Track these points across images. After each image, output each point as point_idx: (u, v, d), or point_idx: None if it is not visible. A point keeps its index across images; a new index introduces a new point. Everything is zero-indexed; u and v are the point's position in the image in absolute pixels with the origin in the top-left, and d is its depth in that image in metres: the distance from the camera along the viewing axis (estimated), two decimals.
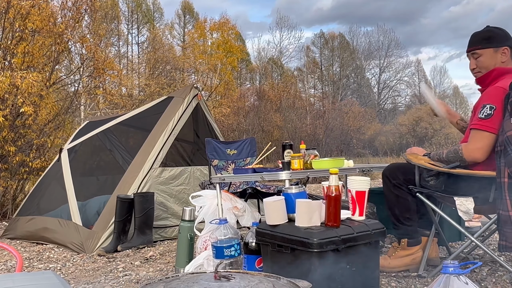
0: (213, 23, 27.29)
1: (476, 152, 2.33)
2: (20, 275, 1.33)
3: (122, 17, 27.38)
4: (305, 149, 3.08)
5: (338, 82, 34.05)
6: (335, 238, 1.98)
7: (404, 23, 52.15)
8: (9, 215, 6.59)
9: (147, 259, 3.43)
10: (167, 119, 4.63)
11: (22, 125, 7.14)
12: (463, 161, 2.37)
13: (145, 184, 4.24)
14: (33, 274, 1.36)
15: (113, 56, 18.38)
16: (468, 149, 2.35)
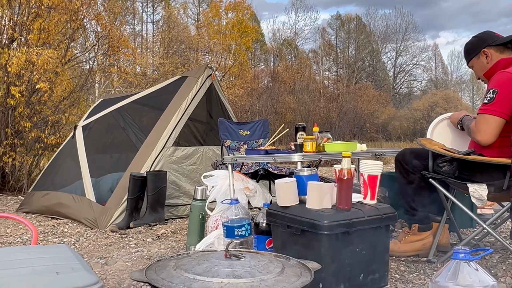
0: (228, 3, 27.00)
1: (479, 135, 2.36)
2: (35, 248, 1.36)
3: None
4: (318, 132, 3.07)
5: (353, 65, 33.64)
6: (345, 221, 1.98)
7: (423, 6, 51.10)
8: (25, 189, 6.71)
9: (159, 237, 3.48)
10: (180, 98, 4.64)
11: (37, 102, 7.22)
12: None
13: (158, 163, 4.28)
14: (48, 247, 1.39)
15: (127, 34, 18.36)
16: (473, 131, 2.41)
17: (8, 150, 6.79)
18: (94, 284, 1.05)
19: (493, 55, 2.51)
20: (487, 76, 2.54)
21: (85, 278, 1.06)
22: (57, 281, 1.04)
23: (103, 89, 13.68)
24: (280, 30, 34.99)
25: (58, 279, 1.04)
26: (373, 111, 24.91)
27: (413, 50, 36.37)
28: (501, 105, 2.29)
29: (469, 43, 2.66)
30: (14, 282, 1.02)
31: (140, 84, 11.91)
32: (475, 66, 2.62)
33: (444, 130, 2.85)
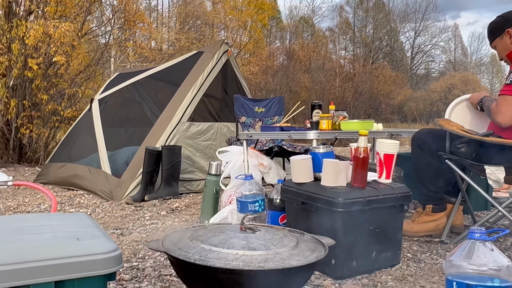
0: None
1: (499, 117, 2.34)
2: (55, 215, 1.40)
3: None
4: (334, 110, 3.05)
5: (371, 45, 33.07)
6: (360, 199, 1.98)
7: None
8: (41, 161, 6.83)
9: (173, 210, 3.53)
10: (196, 74, 4.63)
11: (54, 74, 7.28)
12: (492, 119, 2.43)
13: (173, 138, 4.31)
14: (68, 215, 1.42)
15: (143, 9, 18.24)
16: (493, 112, 2.39)
17: (25, 122, 6.90)
18: (114, 251, 1.07)
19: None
20: (510, 57, 2.49)
21: (105, 245, 1.09)
22: (78, 246, 1.06)
23: (119, 63, 13.71)
24: (297, 8, 34.58)
25: (79, 245, 1.07)
26: (389, 92, 24.60)
27: (433, 30, 35.61)
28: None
29: (493, 23, 2.60)
30: (37, 247, 1.05)
31: (156, 59, 11.91)
32: (498, 47, 2.57)
33: (463, 111, 2.81)
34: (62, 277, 1.01)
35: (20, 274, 0.96)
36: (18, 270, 0.96)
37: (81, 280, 1.03)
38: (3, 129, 6.89)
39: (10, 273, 0.95)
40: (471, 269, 1.36)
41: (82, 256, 1.03)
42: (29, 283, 0.97)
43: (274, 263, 1.24)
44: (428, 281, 1.98)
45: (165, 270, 2.07)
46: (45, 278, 0.99)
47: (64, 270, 1.01)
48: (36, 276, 0.98)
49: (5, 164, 6.69)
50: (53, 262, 1.00)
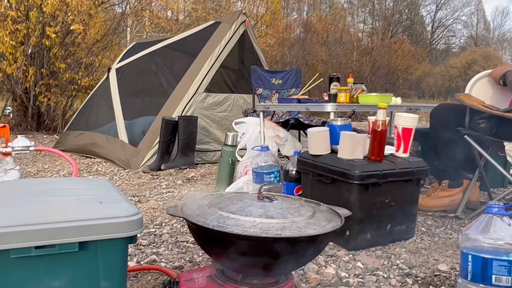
0: None
1: None
2: (77, 180, 1.43)
3: None
4: (352, 83, 3.02)
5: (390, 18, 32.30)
6: (376, 172, 1.99)
7: None
8: (59, 129, 6.94)
9: (189, 179, 3.57)
10: (213, 44, 4.60)
11: (71, 43, 7.30)
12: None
13: (189, 108, 4.32)
14: (89, 180, 1.45)
15: None
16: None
17: (43, 90, 6.98)
18: (135, 215, 1.10)
19: None
20: None
21: (127, 208, 1.11)
22: (100, 209, 1.09)
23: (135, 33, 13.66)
24: None
25: (102, 208, 1.10)
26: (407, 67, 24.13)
27: (455, 4, 34.66)
28: None
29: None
30: (62, 208, 1.08)
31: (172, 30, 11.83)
32: None
33: (484, 86, 2.76)
34: (86, 238, 1.04)
35: (46, 234, 0.99)
36: (45, 230, 0.99)
37: (103, 242, 1.06)
38: (22, 97, 6.99)
39: (38, 233, 0.98)
40: (487, 243, 1.36)
41: (105, 219, 1.06)
42: (55, 242, 1.00)
43: (291, 231, 1.26)
44: (442, 254, 1.99)
45: (181, 237, 2.11)
46: (70, 239, 1.02)
47: (88, 231, 1.04)
48: (61, 236, 1.01)
49: (23, 131, 6.81)
50: (77, 224, 1.03)
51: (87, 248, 1.05)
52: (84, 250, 1.05)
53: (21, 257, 0.98)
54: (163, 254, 1.89)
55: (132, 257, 1.84)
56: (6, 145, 1.92)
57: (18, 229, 0.97)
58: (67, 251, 1.02)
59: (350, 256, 1.92)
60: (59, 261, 1.03)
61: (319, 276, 1.70)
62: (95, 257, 1.06)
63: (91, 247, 1.05)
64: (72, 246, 1.03)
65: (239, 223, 1.28)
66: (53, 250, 1.01)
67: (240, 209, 1.37)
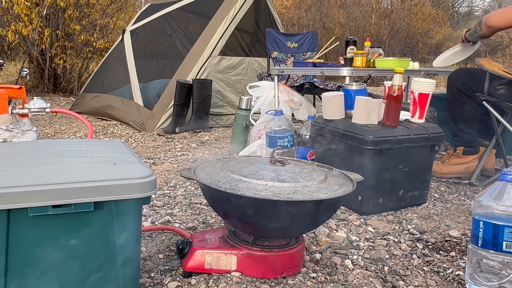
0: None
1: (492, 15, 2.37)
2: (93, 141, 1.45)
3: None
4: (369, 47, 2.96)
5: None
6: (391, 138, 1.97)
7: None
8: (75, 91, 6.98)
9: (203, 143, 3.60)
10: (228, 6, 4.52)
11: (86, 5, 7.23)
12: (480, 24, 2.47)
13: (204, 71, 4.30)
14: (104, 141, 1.47)
15: None
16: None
17: (59, 52, 6.98)
18: (149, 176, 1.12)
19: None
20: None
21: (141, 170, 1.13)
22: (115, 170, 1.11)
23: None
24: None
25: (116, 169, 1.11)
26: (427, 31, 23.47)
27: None
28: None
29: None
30: (76, 169, 1.10)
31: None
32: None
33: None
34: (100, 198, 1.06)
35: (63, 193, 1.02)
36: (61, 189, 1.02)
37: (118, 202, 1.08)
38: (38, 59, 7.02)
39: (54, 192, 1.01)
40: (500, 210, 1.35)
41: (119, 180, 1.08)
42: (71, 202, 1.03)
43: (302, 195, 1.27)
44: (454, 220, 1.99)
45: (195, 199, 2.15)
46: (85, 199, 1.04)
47: (102, 192, 1.06)
48: (77, 196, 1.03)
49: (40, 93, 6.87)
50: (92, 184, 1.05)
51: (102, 208, 1.08)
52: (99, 209, 1.07)
53: (39, 216, 1.01)
54: (177, 215, 1.93)
55: (146, 217, 1.89)
56: (22, 107, 1.95)
57: (36, 188, 1.00)
58: (82, 211, 1.05)
59: (362, 221, 1.94)
60: (75, 220, 1.06)
61: (329, 239, 1.73)
62: (109, 216, 1.09)
63: (106, 207, 1.08)
64: (87, 205, 1.05)
65: (251, 186, 1.30)
66: (69, 209, 1.04)
67: (252, 173, 1.38)
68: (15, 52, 9.32)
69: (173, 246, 1.59)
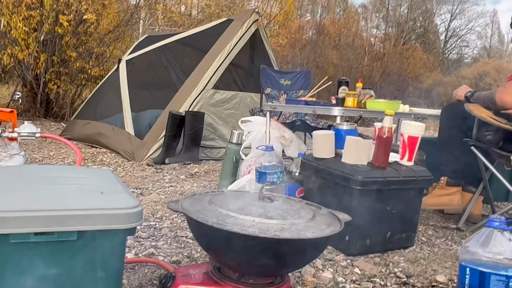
0: None
1: (506, 96, 2.33)
2: (81, 169, 1.44)
3: None
4: (361, 88, 3.01)
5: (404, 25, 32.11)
6: (379, 179, 1.98)
7: None
8: (67, 117, 6.97)
9: (192, 175, 3.58)
10: (224, 41, 4.61)
11: (84, 32, 7.33)
12: (493, 103, 2.40)
13: (197, 104, 4.33)
14: (93, 169, 1.46)
15: None
16: (501, 91, 2.37)
17: (53, 77, 7.01)
18: (136, 207, 1.10)
19: None
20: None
21: (127, 200, 1.12)
22: (101, 199, 1.09)
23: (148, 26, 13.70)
24: None
25: (102, 198, 1.10)
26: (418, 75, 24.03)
27: (470, 14, 34.27)
28: None
29: None
30: (61, 196, 1.09)
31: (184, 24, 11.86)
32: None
33: None
34: (85, 227, 1.04)
35: (46, 221, 1.00)
36: (45, 217, 1.00)
37: (102, 232, 1.07)
38: (31, 83, 7.03)
39: (37, 219, 0.99)
40: (486, 256, 1.35)
41: (105, 209, 1.06)
42: (54, 230, 1.01)
43: (289, 233, 1.26)
44: (441, 265, 1.98)
45: (181, 232, 2.12)
46: (69, 227, 1.02)
47: (87, 221, 1.04)
48: (61, 224, 1.01)
49: (31, 117, 6.85)
50: (77, 213, 1.04)
51: (85, 237, 1.06)
52: (82, 239, 1.05)
53: (20, 243, 0.99)
54: (161, 248, 1.90)
55: (130, 249, 1.85)
56: (12, 130, 1.94)
57: (19, 214, 0.98)
58: (65, 239, 1.03)
59: (348, 261, 1.92)
60: (57, 248, 1.04)
61: (315, 279, 1.70)
62: (93, 247, 1.07)
63: (89, 237, 1.06)
64: (71, 234, 1.03)
65: (238, 221, 1.29)
66: (52, 238, 1.02)
67: (240, 208, 1.37)
68: (9, 75, 9.33)
69: (156, 280, 1.56)
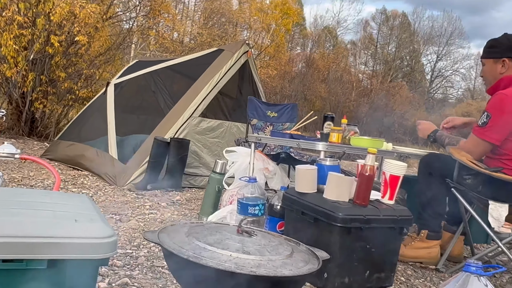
0: None
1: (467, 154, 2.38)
2: (57, 194, 1.41)
3: None
4: (346, 124, 3.04)
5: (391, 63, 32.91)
6: (360, 217, 1.98)
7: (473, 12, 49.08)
8: (51, 137, 6.89)
9: (173, 202, 3.54)
10: (213, 71, 4.64)
11: (74, 54, 7.34)
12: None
13: (183, 131, 4.32)
14: (69, 195, 1.43)
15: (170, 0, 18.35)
16: (463, 146, 2.44)
17: (40, 96, 6.96)
18: (110, 237, 1.08)
19: (509, 69, 2.45)
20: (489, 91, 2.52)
21: (102, 229, 1.09)
22: (75, 228, 1.07)
23: (139, 50, 13.80)
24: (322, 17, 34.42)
25: (76, 226, 1.08)
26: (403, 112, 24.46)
27: (455, 56, 35.31)
28: (493, 131, 2.33)
29: (497, 41, 2.52)
30: (34, 222, 1.06)
31: (176, 51, 11.97)
32: (487, 67, 2.54)
33: None
34: (55, 256, 1.01)
35: (15, 247, 0.97)
36: (14, 243, 0.97)
37: (73, 262, 1.04)
38: (17, 101, 6.97)
39: (6, 246, 0.96)
40: None
41: (77, 238, 1.04)
42: (23, 257, 0.98)
43: (266, 269, 1.24)
44: None
45: (157, 262, 2.08)
46: (39, 255, 0.99)
47: (58, 249, 1.01)
48: (30, 252, 0.99)
49: (15, 135, 6.76)
50: (49, 240, 1.01)
51: (56, 266, 1.03)
52: (52, 268, 1.02)
53: None
54: (136, 278, 1.85)
55: (104, 277, 1.80)
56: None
57: None
58: (35, 268, 1.00)
59: None
60: (26, 277, 1.00)
61: None
62: (63, 276, 1.04)
63: (60, 266, 1.03)
64: (40, 263, 1.00)
65: (215, 255, 1.27)
66: (21, 265, 0.98)
67: (217, 241, 1.35)
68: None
69: None
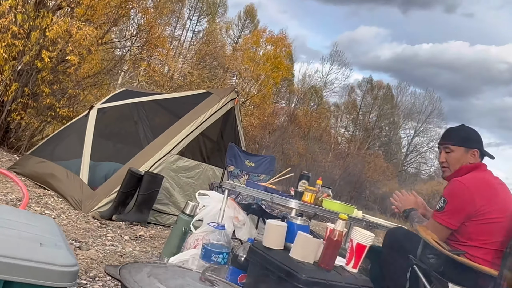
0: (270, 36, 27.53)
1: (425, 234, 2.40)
2: (24, 213, 1.38)
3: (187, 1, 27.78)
4: (320, 185, 3.08)
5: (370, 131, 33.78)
6: (322, 281, 1.97)
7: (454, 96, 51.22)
8: (22, 150, 6.74)
9: (137, 237, 3.46)
10: (199, 111, 4.69)
11: (62, 72, 7.33)
12: None
13: (158, 166, 4.30)
14: (36, 217, 1.40)
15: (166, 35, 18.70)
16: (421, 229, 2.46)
17: (19, 108, 6.86)
18: (72, 266, 1.06)
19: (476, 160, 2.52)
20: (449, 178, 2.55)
21: (65, 257, 1.07)
22: (39, 252, 1.05)
23: (127, 78, 13.87)
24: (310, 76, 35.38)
25: (40, 251, 1.06)
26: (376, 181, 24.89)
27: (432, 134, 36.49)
28: (449, 217, 2.38)
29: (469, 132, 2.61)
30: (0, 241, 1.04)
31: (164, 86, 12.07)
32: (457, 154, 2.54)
33: None
34: (13, 278, 0.99)
35: None
36: None
37: (31, 286, 1.01)
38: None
39: None
40: None
41: (40, 263, 1.02)
42: None
43: None
44: None
45: None
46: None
47: (18, 272, 0.99)
48: None
49: None
50: (8, 261, 0.99)
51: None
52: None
53: None
54: None
55: None
56: None
57: None
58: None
59: None
60: None
61: None
62: None
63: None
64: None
65: None
66: None
67: (179, 287, 1.33)
68: None
69: None
